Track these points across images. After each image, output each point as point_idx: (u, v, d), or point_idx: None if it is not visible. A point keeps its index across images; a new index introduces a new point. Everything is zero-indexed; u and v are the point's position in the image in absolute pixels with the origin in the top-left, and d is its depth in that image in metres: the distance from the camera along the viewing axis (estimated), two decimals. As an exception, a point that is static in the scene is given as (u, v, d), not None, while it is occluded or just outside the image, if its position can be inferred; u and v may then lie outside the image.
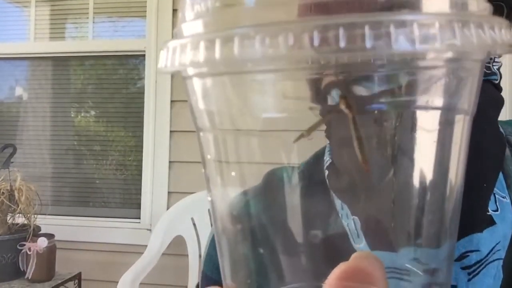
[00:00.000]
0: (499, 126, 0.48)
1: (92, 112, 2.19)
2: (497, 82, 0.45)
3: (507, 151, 0.49)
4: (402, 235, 0.35)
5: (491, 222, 0.42)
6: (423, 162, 0.27)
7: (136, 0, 2.07)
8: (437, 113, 0.25)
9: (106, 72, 2.19)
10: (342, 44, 0.17)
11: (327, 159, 0.44)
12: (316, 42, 0.17)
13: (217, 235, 0.31)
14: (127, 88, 2.16)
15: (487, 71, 0.43)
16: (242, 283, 0.31)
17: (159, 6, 1.97)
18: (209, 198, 0.29)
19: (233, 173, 0.29)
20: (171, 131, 1.95)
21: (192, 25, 0.22)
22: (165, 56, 0.22)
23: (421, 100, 0.25)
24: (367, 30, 0.17)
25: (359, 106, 0.24)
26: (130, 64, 2.17)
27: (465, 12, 0.21)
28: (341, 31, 0.17)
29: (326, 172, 0.44)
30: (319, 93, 0.24)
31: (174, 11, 1.95)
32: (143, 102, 1.99)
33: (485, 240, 0.41)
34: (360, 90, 0.24)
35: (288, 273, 0.34)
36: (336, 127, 0.33)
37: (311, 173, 0.48)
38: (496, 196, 0.44)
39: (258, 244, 0.34)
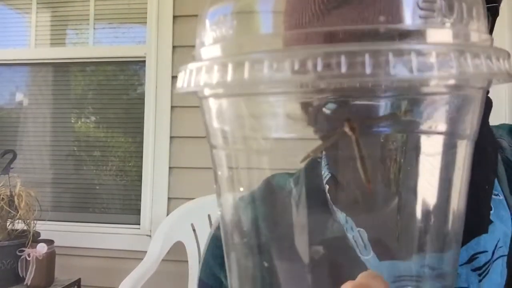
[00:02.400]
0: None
1: (92, 118, 2.20)
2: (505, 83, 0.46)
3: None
4: (410, 244, 0.35)
5: (489, 221, 0.43)
6: (427, 184, 0.28)
7: (137, 7, 2.07)
8: (440, 138, 0.26)
9: (107, 78, 2.20)
10: (343, 70, 0.18)
11: (325, 174, 0.45)
12: (319, 68, 0.19)
13: (225, 247, 0.32)
14: (127, 94, 2.16)
15: None
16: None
17: (159, 12, 1.98)
18: (219, 212, 0.30)
19: (241, 189, 0.31)
20: (171, 137, 1.95)
21: (209, 49, 0.24)
22: (182, 77, 0.24)
23: (423, 125, 0.26)
24: (367, 58, 0.18)
25: (364, 128, 0.25)
26: (131, 70, 2.17)
27: (464, 42, 0.22)
28: (342, 58, 0.18)
29: (327, 187, 0.44)
30: (322, 116, 0.26)
31: (175, 17, 1.96)
32: (143, 108, 2.00)
33: (490, 240, 0.41)
34: (365, 113, 0.25)
35: (287, 281, 0.34)
36: (342, 147, 0.34)
37: (309, 181, 0.48)
38: None
39: (259, 253, 0.35)
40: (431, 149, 0.26)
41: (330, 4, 0.31)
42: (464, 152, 0.26)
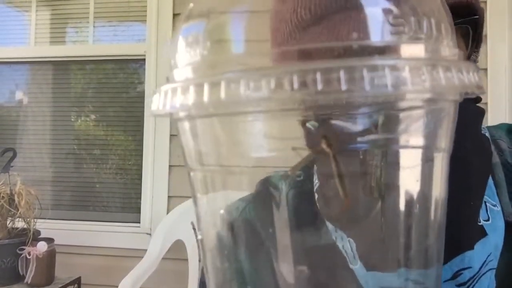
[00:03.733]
0: (484, 133, 0.48)
1: (92, 116, 2.19)
2: (475, 96, 0.46)
3: (496, 157, 0.48)
4: (396, 257, 0.36)
5: (482, 233, 0.42)
6: (407, 198, 0.28)
7: (136, 5, 2.07)
8: (417, 152, 0.26)
9: (106, 76, 2.20)
10: (319, 87, 0.18)
11: (316, 181, 0.45)
12: (295, 85, 0.18)
13: (206, 270, 0.31)
14: (127, 92, 2.16)
15: None
16: None
17: (159, 11, 1.97)
18: (200, 237, 0.30)
19: (221, 211, 0.30)
20: (171, 135, 1.95)
21: (183, 71, 0.24)
22: (157, 99, 0.24)
23: (400, 139, 0.26)
24: (342, 74, 0.18)
25: (341, 145, 0.25)
26: (130, 68, 2.17)
27: (435, 56, 0.22)
28: (318, 75, 0.18)
29: (316, 196, 0.44)
30: (305, 133, 0.26)
31: (174, 15, 1.96)
32: (143, 106, 2.00)
33: (477, 255, 0.41)
34: (342, 130, 0.25)
35: (280, 283, 0.34)
36: (322, 163, 0.35)
37: (302, 185, 0.48)
38: (487, 204, 0.44)
39: (250, 257, 0.35)
40: (408, 163, 0.27)
41: (305, 22, 0.32)
42: (440, 164, 0.27)
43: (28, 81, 2.25)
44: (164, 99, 0.23)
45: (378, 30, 0.21)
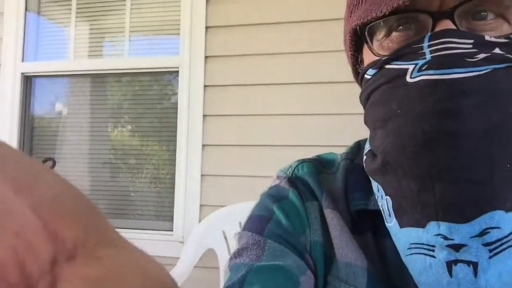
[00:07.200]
0: None
1: (128, 127, 2.25)
2: None
3: None
4: (430, 210, 0.41)
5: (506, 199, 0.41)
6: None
7: (170, 19, 2.13)
8: None
9: (142, 88, 2.25)
10: None
11: (367, 147, 0.51)
12: None
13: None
14: (161, 103, 2.21)
15: None
16: None
17: (192, 24, 2.02)
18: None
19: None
20: (203, 145, 1.98)
21: None
22: None
23: None
24: None
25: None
26: (165, 80, 2.22)
27: None
28: None
29: (364, 157, 0.50)
30: None
31: (207, 28, 2.00)
32: (176, 117, 2.04)
33: (509, 220, 0.40)
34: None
35: None
36: (374, 110, 0.45)
37: (354, 157, 0.57)
38: None
39: None
40: None
41: None
42: None
43: (67, 93, 2.34)
44: None
45: None
